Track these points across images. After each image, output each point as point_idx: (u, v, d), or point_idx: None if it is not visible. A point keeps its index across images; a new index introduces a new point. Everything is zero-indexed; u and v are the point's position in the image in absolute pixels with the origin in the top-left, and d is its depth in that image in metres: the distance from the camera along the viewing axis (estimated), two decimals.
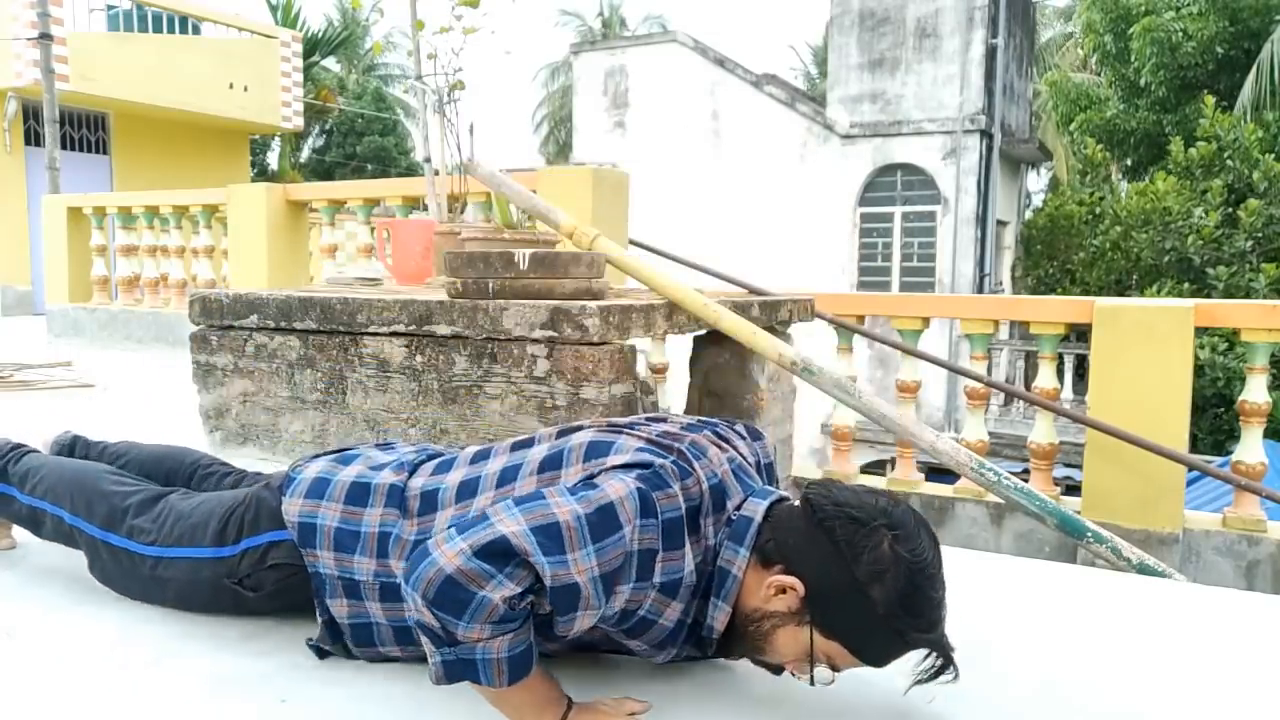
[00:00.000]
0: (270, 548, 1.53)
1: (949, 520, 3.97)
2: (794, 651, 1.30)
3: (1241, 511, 3.60)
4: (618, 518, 1.23)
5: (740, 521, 1.34)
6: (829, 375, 2.62)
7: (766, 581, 1.29)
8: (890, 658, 1.28)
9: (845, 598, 1.23)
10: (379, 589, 1.44)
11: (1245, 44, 13.08)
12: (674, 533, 1.27)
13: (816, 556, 1.26)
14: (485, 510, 1.25)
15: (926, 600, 1.24)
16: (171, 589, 1.63)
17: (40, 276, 9.17)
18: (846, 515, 1.25)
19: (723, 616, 1.33)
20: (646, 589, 1.28)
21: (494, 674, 1.20)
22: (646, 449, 1.34)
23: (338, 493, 1.51)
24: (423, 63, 3.85)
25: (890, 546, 1.22)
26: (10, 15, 11.09)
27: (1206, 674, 1.57)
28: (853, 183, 13.38)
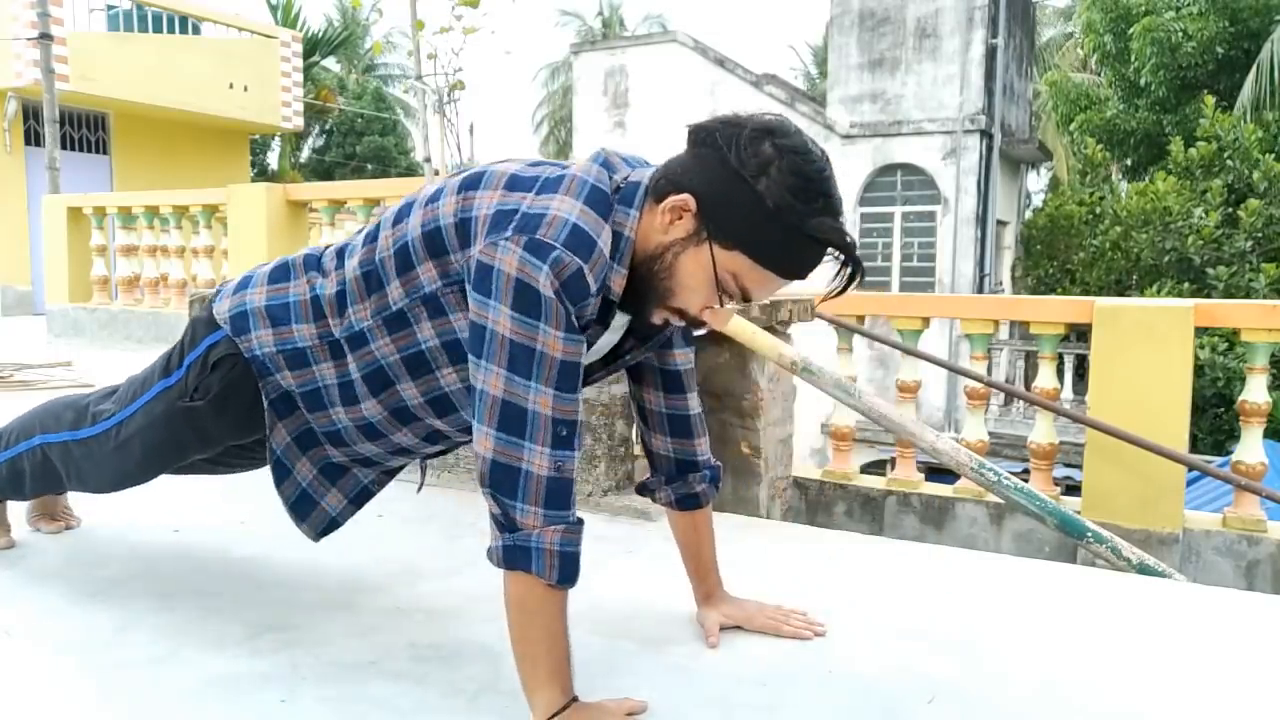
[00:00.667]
0: (209, 349, 1.55)
1: (949, 520, 3.97)
2: (700, 279, 1.29)
3: (1241, 511, 3.60)
4: (535, 287, 1.22)
5: (629, 187, 1.33)
6: (829, 375, 2.62)
7: (659, 210, 1.29)
8: (795, 260, 1.26)
9: (735, 198, 1.23)
10: (327, 348, 1.47)
11: (1245, 44, 13.08)
12: (582, 243, 1.25)
13: (703, 168, 1.26)
14: (471, 385, 1.28)
15: (816, 188, 1.23)
16: (136, 447, 1.64)
17: (40, 276, 9.17)
18: (723, 121, 1.26)
19: (619, 279, 1.31)
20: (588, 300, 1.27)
21: (546, 565, 1.26)
22: (514, 178, 1.33)
23: (260, 280, 1.56)
24: (423, 63, 3.85)
25: (772, 143, 1.22)
26: (10, 15, 11.08)
27: (1206, 674, 1.57)
28: (853, 182, 13.38)
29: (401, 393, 1.45)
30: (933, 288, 13.11)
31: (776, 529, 2.54)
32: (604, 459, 2.60)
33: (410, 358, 1.41)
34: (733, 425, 2.84)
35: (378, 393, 1.46)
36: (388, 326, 1.40)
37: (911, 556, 2.23)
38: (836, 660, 1.57)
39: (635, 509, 2.47)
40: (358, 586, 1.89)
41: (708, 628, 1.65)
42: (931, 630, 1.72)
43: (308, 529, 1.62)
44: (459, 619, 1.72)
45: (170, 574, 1.95)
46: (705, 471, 1.67)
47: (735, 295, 1.30)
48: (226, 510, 2.41)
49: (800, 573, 2.06)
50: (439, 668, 1.52)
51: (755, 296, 1.32)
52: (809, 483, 4.21)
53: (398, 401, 1.46)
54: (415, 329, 1.39)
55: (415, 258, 1.35)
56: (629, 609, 1.79)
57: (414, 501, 2.48)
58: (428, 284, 1.35)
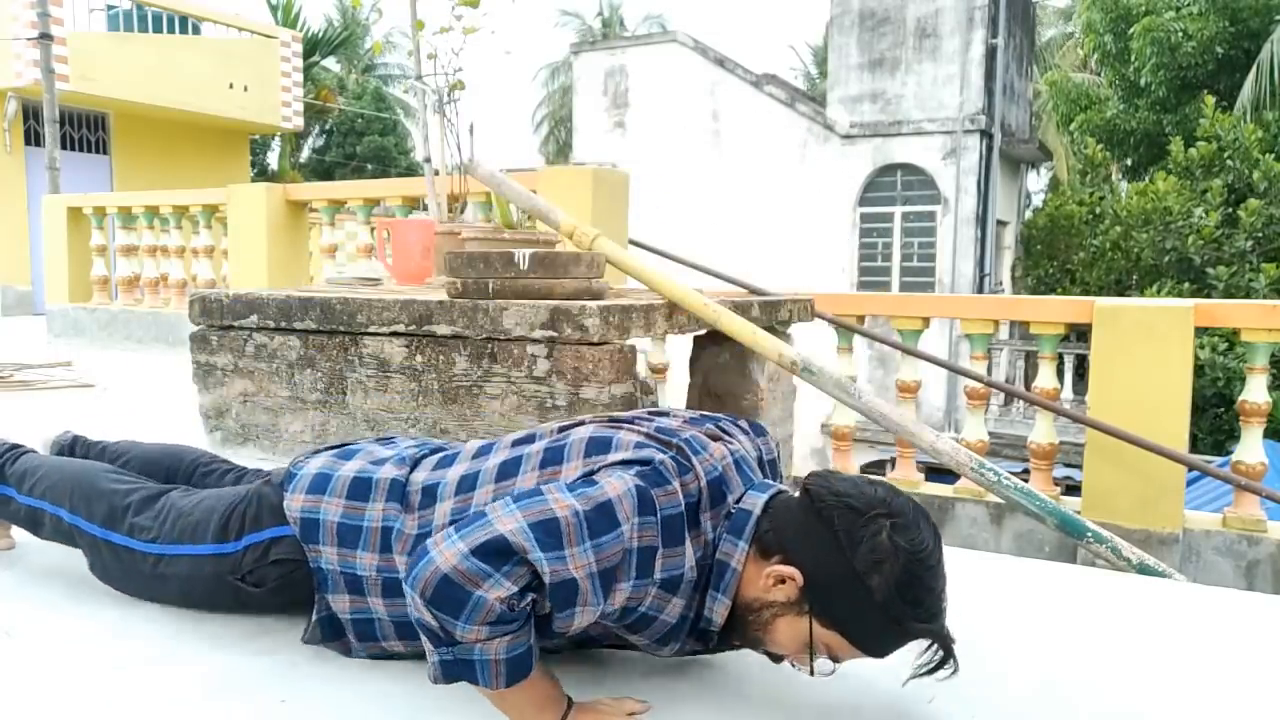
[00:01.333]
0: (273, 543, 1.53)
1: (949, 520, 3.97)
2: (793, 641, 1.30)
3: (1241, 511, 3.60)
4: (616, 515, 1.23)
5: (739, 515, 1.34)
6: (829, 375, 2.62)
7: (765, 571, 1.29)
8: (890, 648, 1.27)
9: (843, 587, 1.23)
10: (381, 584, 1.44)
11: (1245, 44, 13.08)
12: (674, 529, 1.27)
13: (815, 546, 1.26)
14: (484, 508, 1.25)
15: (926, 590, 1.23)
16: (174, 586, 1.63)
17: (40, 276, 9.17)
18: (845, 504, 1.25)
19: (722, 609, 1.33)
20: (647, 585, 1.27)
21: (492, 675, 1.21)
22: (646, 444, 1.34)
23: (339, 488, 1.51)
24: (423, 63, 3.85)
25: (889, 536, 1.22)
26: (10, 15, 11.09)
27: (1206, 674, 1.57)
28: (853, 183, 13.38)
29: None
30: (933, 288, 13.11)
31: None
32: None
33: None
34: None
35: None
36: None
37: None
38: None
39: None
40: None
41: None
42: None
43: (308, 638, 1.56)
44: None
45: None
46: None
47: (823, 656, 1.30)
48: None
49: None
50: None
51: (841, 660, 1.31)
52: (809, 473, 4.20)
53: None
54: None
55: None
56: None
57: None
58: None
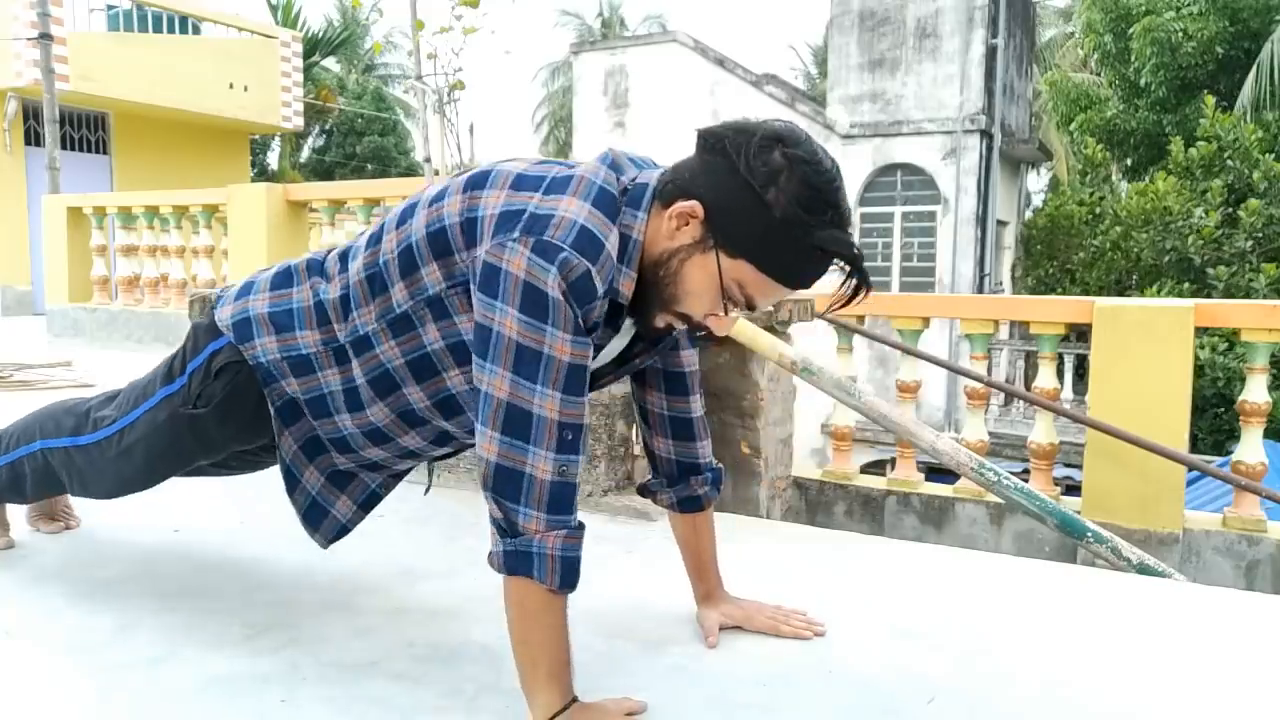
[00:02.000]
0: (212, 357, 1.54)
1: (949, 520, 3.97)
2: (706, 286, 1.28)
3: (1241, 511, 3.60)
4: (543, 289, 1.21)
5: (636, 189, 1.33)
6: (829, 375, 2.62)
7: (665, 215, 1.29)
8: (801, 271, 1.26)
9: (743, 207, 1.22)
10: (332, 354, 1.46)
11: (1245, 44, 13.08)
12: (590, 244, 1.25)
13: (711, 176, 1.25)
14: (476, 385, 1.27)
15: (826, 201, 1.22)
16: (139, 455, 1.64)
17: (40, 276, 9.17)
18: (733, 129, 1.25)
19: (627, 282, 1.31)
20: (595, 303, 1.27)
21: (548, 570, 1.25)
22: (520, 177, 1.32)
23: (263, 284, 1.55)
24: (423, 63, 3.85)
25: (781, 152, 1.21)
26: (10, 15, 11.08)
27: (1206, 674, 1.57)
28: (853, 182, 13.37)
29: (408, 396, 1.45)
30: (933, 288, 13.11)
31: (776, 529, 2.54)
32: (604, 459, 2.60)
33: (415, 361, 1.41)
34: (733, 425, 2.84)
35: (384, 396, 1.46)
36: (392, 330, 1.40)
37: (911, 556, 2.23)
38: (836, 660, 1.57)
39: (635, 509, 2.47)
40: (357, 586, 1.89)
41: (707, 627, 1.65)
42: (931, 630, 1.72)
43: (319, 537, 1.61)
44: (459, 619, 1.72)
45: (170, 574, 1.95)
46: (707, 474, 1.67)
47: (740, 303, 1.30)
48: (226, 510, 2.41)
49: (800, 573, 2.06)
50: (439, 668, 1.52)
51: (760, 304, 1.31)
52: (809, 483, 4.21)
53: (404, 405, 1.46)
54: (420, 331, 1.38)
55: (419, 259, 1.34)
56: (629, 609, 1.79)
57: (415, 502, 2.48)
58: (432, 286, 1.34)
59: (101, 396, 1.76)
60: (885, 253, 13.47)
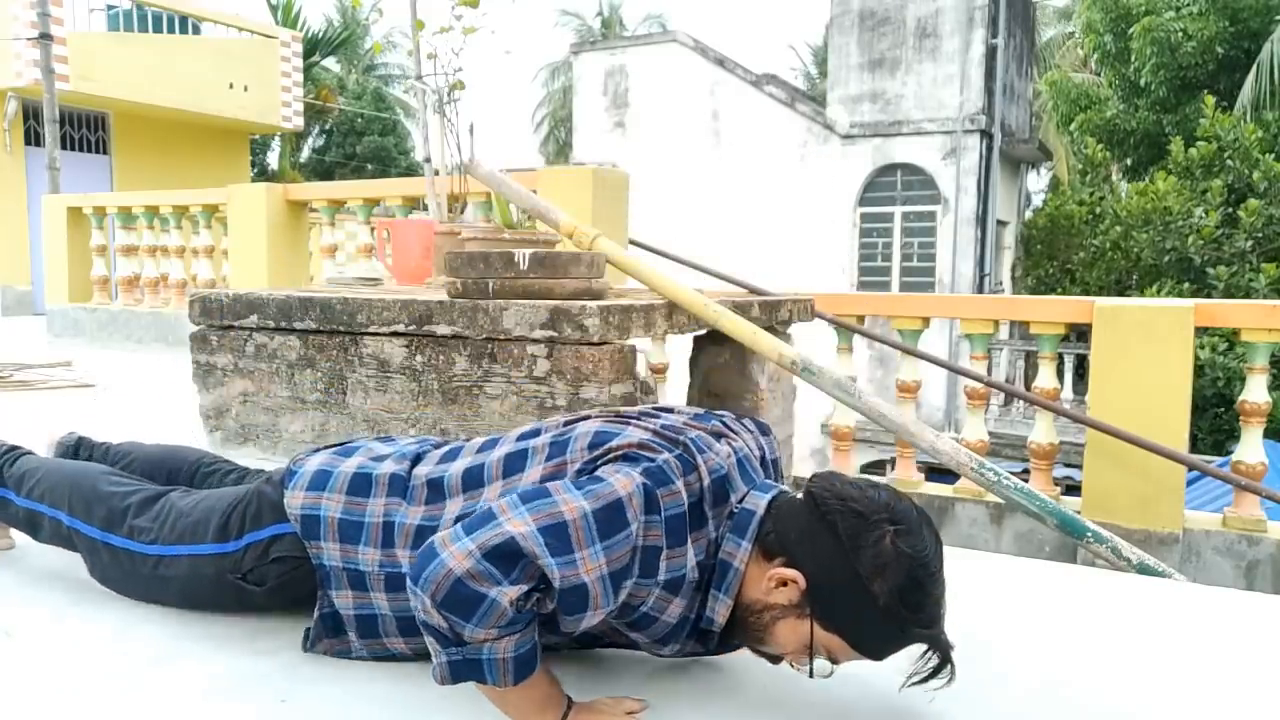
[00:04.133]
0: (273, 541, 1.53)
1: (949, 520, 3.97)
2: (794, 643, 1.30)
3: (1241, 511, 3.60)
4: (625, 514, 1.22)
5: (742, 514, 1.33)
6: (829, 375, 2.62)
7: (768, 574, 1.29)
8: (888, 652, 1.27)
9: (846, 591, 1.23)
10: (384, 579, 1.44)
11: (1245, 44, 13.08)
12: (677, 529, 1.27)
13: (818, 549, 1.26)
14: (492, 507, 1.24)
15: (927, 596, 1.23)
16: (174, 587, 1.63)
17: (40, 276, 9.17)
18: (849, 508, 1.25)
19: (724, 609, 1.33)
20: (650, 586, 1.27)
21: (500, 674, 1.21)
22: (651, 440, 1.33)
23: (340, 484, 1.51)
24: (423, 63, 3.85)
25: (892, 541, 1.22)
26: (10, 15, 11.08)
27: (1206, 674, 1.57)
28: (853, 183, 13.38)
29: None
30: (933, 288, 13.11)
31: None
32: None
33: None
34: None
35: None
36: None
37: None
38: None
39: None
40: None
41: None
42: None
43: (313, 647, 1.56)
44: None
45: None
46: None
47: (823, 658, 1.30)
48: None
49: None
50: None
51: (840, 662, 1.31)
52: (813, 474, 4.20)
53: None
54: None
55: None
56: None
57: None
58: None
59: (136, 495, 1.68)
60: (885, 253, 13.47)
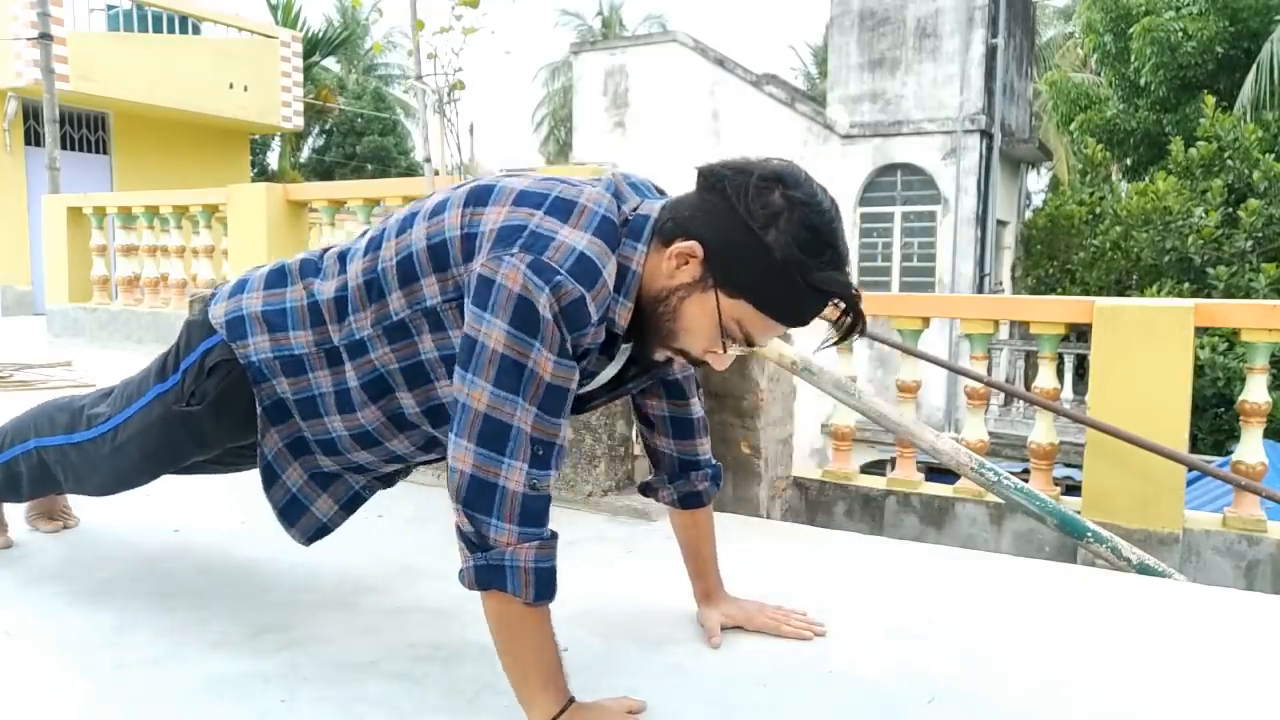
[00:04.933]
0: (205, 355, 1.55)
1: (949, 520, 3.97)
2: (704, 322, 1.29)
3: (1241, 511, 3.60)
4: (535, 305, 1.21)
5: (636, 220, 1.33)
6: (829, 375, 2.62)
7: (665, 254, 1.29)
8: (800, 311, 1.27)
9: (743, 249, 1.23)
10: (324, 356, 1.46)
11: (1245, 44, 13.07)
12: (587, 272, 1.25)
13: (711, 216, 1.26)
14: (455, 395, 1.26)
15: (825, 242, 1.23)
16: (133, 450, 1.64)
17: (40, 276, 9.17)
18: (733, 169, 1.26)
19: (625, 312, 1.31)
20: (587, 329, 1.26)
21: (522, 584, 1.24)
22: (523, 193, 1.32)
23: (257, 283, 1.55)
24: (423, 63, 3.85)
25: (781, 193, 1.22)
26: (10, 15, 11.08)
27: (1206, 674, 1.57)
28: (853, 182, 13.38)
29: (400, 400, 1.45)
30: (933, 288, 13.11)
31: (776, 529, 2.54)
32: (604, 459, 2.59)
33: (409, 367, 1.41)
34: (733, 425, 2.84)
35: (376, 400, 1.46)
36: (388, 336, 1.40)
37: (911, 556, 2.23)
38: (836, 660, 1.57)
39: (635, 509, 2.47)
40: (358, 586, 1.89)
41: (709, 627, 1.65)
42: (931, 630, 1.72)
43: (297, 534, 1.61)
44: (459, 619, 1.72)
45: (170, 574, 1.95)
46: (707, 470, 1.68)
47: (739, 340, 1.30)
48: (226, 510, 2.41)
49: (800, 573, 2.06)
50: (439, 668, 1.52)
51: (759, 342, 1.32)
52: (809, 483, 4.21)
53: (396, 409, 1.46)
54: (416, 340, 1.38)
55: (419, 270, 1.35)
56: (629, 609, 1.79)
57: (415, 502, 2.49)
58: (429, 298, 1.35)
59: (96, 394, 1.76)
60: (885, 253, 13.47)
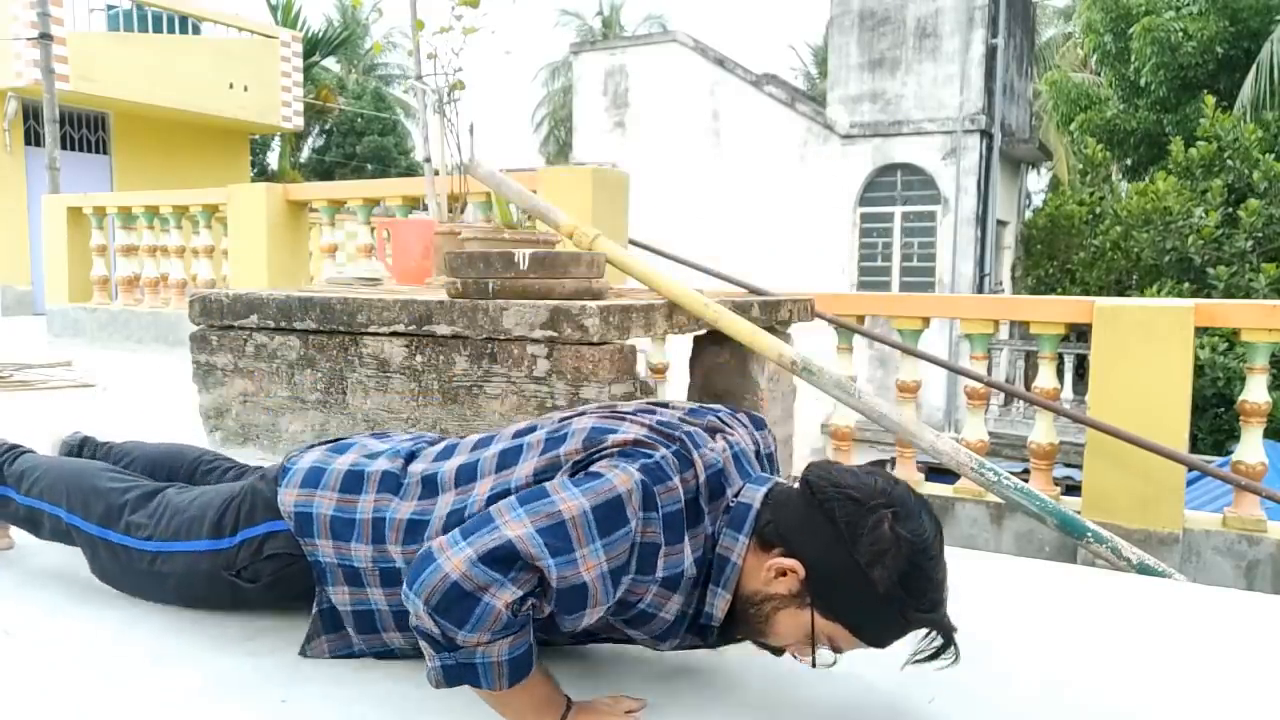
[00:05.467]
0: (267, 538, 1.53)
1: (949, 520, 3.97)
2: (795, 633, 1.29)
3: (1241, 511, 3.60)
4: (624, 511, 1.22)
5: (739, 508, 1.33)
6: (829, 375, 2.62)
7: (766, 564, 1.28)
8: (891, 638, 1.27)
9: (846, 579, 1.22)
10: (379, 574, 1.44)
11: (1245, 44, 13.08)
12: (675, 525, 1.27)
13: (816, 538, 1.25)
14: (489, 511, 1.23)
15: (927, 580, 1.23)
16: (170, 583, 1.63)
17: (40, 276, 9.17)
18: (846, 495, 1.24)
19: (723, 604, 1.32)
20: (649, 583, 1.27)
21: (494, 677, 1.21)
22: (648, 436, 1.33)
23: (333, 481, 1.51)
24: (423, 63, 3.85)
25: (890, 527, 1.21)
26: (10, 15, 11.08)
27: (1206, 674, 1.57)
28: (853, 183, 13.38)
29: None
30: (933, 288, 13.11)
31: None
32: None
33: None
34: None
35: None
36: None
37: None
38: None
39: None
40: None
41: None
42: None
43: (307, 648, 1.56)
44: None
45: None
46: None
47: (825, 647, 1.30)
48: None
49: None
50: None
51: (843, 650, 1.31)
52: (809, 464, 4.20)
53: None
54: None
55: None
56: None
57: None
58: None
59: (133, 490, 1.69)
60: (885, 253, 13.47)
